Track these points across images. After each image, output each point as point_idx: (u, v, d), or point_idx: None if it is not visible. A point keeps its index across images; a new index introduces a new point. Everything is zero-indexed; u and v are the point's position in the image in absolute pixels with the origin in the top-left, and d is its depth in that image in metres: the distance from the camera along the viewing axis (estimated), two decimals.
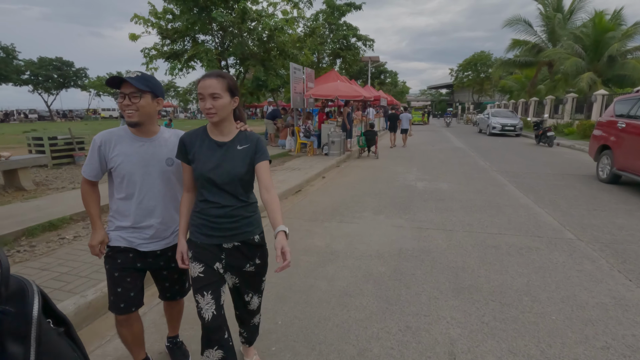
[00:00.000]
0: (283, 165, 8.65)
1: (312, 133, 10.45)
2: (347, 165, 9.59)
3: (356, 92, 9.88)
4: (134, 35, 11.08)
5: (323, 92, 9.83)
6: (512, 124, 18.95)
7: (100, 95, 49.28)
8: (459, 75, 54.22)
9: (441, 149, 12.96)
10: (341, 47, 17.86)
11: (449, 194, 6.16)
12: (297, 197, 6.11)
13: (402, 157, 11.06)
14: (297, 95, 10.52)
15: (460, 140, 16.46)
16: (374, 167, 9.22)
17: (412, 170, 8.66)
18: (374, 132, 10.73)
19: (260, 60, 11.97)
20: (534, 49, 24.21)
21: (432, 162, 9.96)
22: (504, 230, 4.26)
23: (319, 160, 9.45)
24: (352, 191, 6.42)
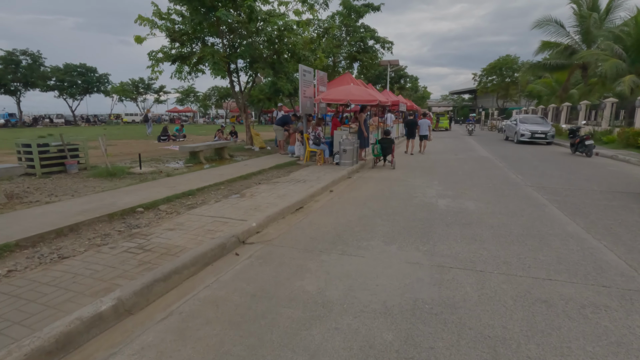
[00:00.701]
0: (288, 177, 7.84)
1: (323, 141, 9.62)
2: (359, 176, 8.69)
3: (371, 96, 9.02)
4: (139, 38, 10.63)
5: (334, 96, 9.01)
6: (543, 131, 17.51)
7: (123, 100, 50.32)
8: (482, 80, 52.29)
9: (465, 159, 11.85)
10: (358, 50, 17.02)
11: (477, 215, 5.16)
12: (296, 216, 5.27)
13: (421, 167, 10.05)
14: (307, 100, 9.74)
15: (485, 149, 15.22)
16: (390, 179, 8.28)
17: (433, 183, 7.66)
18: (391, 140, 9.78)
19: (269, 63, 11.28)
20: (566, 51, 22.63)
21: (455, 174, 8.91)
22: (554, 274, 3.26)
23: (328, 171, 8.60)
24: (362, 210, 5.52)
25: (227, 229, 4.26)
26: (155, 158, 10.75)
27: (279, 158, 10.67)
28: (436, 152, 13.79)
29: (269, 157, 11.02)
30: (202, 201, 5.61)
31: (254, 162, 9.86)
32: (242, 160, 10.48)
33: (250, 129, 13.12)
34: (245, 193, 6.20)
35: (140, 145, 15.34)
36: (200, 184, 6.59)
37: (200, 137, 19.62)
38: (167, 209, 5.12)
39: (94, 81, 41.46)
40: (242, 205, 5.34)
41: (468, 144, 17.61)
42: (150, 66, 11.05)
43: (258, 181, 7.31)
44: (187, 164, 9.45)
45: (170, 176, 7.47)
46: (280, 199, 5.78)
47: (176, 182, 6.77)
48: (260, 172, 8.24)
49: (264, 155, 11.30)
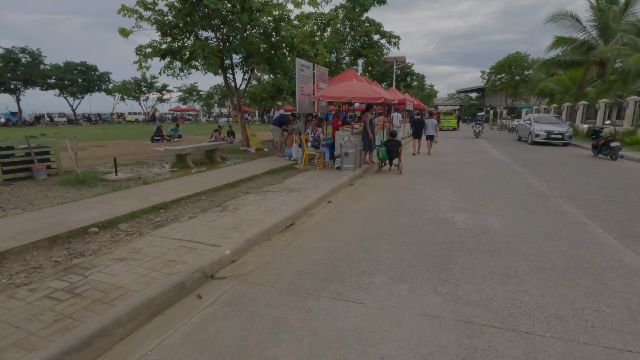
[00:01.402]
0: (281, 184, 6.95)
1: (323, 143, 8.71)
2: (362, 183, 7.77)
3: (376, 93, 8.09)
4: (124, 31, 9.79)
5: (334, 94, 8.09)
6: (560, 131, 16.43)
7: (125, 99, 49.80)
8: (491, 78, 50.96)
9: (478, 162, 10.86)
10: (363, 45, 16.06)
11: (505, 238, 4.22)
12: (284, 236, 4.37)
13: (431, 172, 9.10)
14: (305, 98, 8.83)
15: (498, 150, 14.20)
16: (396, 186, 7.35)
17: (446, 192, 6.72)
18: (397, 142, 8.84)
19: (265, 57, 10.39)
20: (582, 47, 21.40)
21: (470, 180, 7.95)
22: (631, 340, 2.32)
23: (327, 177, 7.69)
24: (364, 228, 4.61)
25: (193, 259, 3.37)
26: (140, 161, 9.91)
27: (275, 161, 9.77)
28: (446, 154, 12.81)
29: (264, 160, 10.14)
30: (174, 217, 4.73)
31: (247, 166, 8.98)
32: (235, 163, 9.60)
33: (246, 129, 12.24)
34: (228, 205, 5.32)
35: (131, 146, 14.55)
36: (178, 194, 5.71)
37: (197, 138, 18.80)
38: (129, 228, 4.24)
39: (95, 79, 40.92)
40: (220, 223, 4.45)
41: (479, 146, 16.58)
42: (137, 61, 10.21)
43: (246, 190, 6.42)
44: (173, 169, 8.60)
45: (148, 184, 6.61)
46: (268, 213, 4.89)
47: (151, 192, 5.91)
48: (251, 179, 7.35)
49: (259, 158, 10.42)
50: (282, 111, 10.94)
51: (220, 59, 11.06)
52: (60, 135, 19.82)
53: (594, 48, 21.01)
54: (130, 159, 10.46)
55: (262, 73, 11.60)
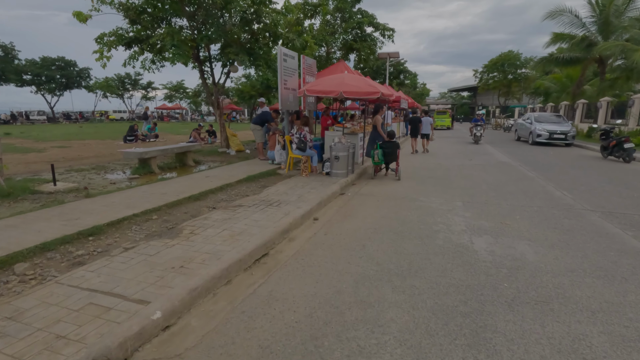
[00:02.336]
0: (259, 195, 5.76)
1: (310, 145, 7.54)
2: (356, 192, 6.63)
3: (371, 87, 6.94)
4: (81, 15, 8.47)
5: (322, 88, 6.91)
6: (563, 131, 15.54)
7: (108, 96, 47.88)
8: (483, 77, 50.36)
9: (483, 165, 9.81)
10: (355, 39, 14.92)
11: (550, 278, 3.12)
12: (251, 276, 3.20)
13: (433, 177, 8.01)
14: (289, 93, 7.65)
15: (501, 152, 13.21)
16: (396, 196, 6.23)
17: (455, 204, 5.63)
18: (395, 143, 7.73)
19: (245, 47, 9.17)
20: (582, 43, 20.62)
21: (479, 188, 6.88)
22: None
23: (315, 185, 6.53)
24: (358, 262, 3.47)
25: (100, 331, 2.19)
26: (100, 166, 8.60)
27: (256, 166, 8.57)
28: (446, 156, 11.75)
29: (244, 164, 8.92)
30: (104, 248, 3.52)
31: (222, 171, 7.76)
32: (210, 168, 8.38)
33: (226, 129, 11.00)
34: (183, 229, 4.12)
35: (99, 147, 13.17)
36: (122, 212, 4.49)
37: (177, 137, 17.45)
38: (28, 270, 3.02)
39: (75, 76, 39.02)
40: (163, 259, 3.26)
41: (479, 146, 15.57)
42: (98, 51, 8.89)
43: (214, 204, 5.22)
44: (133, 176, 7.33)
45: (91, 197, 5.36)
46: (233, 241, 3.71)
47: (88, 210, 4.67)
48: (222, 189, 6.14)
49: (239, 162, 9.20)
50: (266, 108, 9.71)
51: (195, 49, 9.80)
52: (27, 135, 18.28)
53: (594, 45, 20.26)
54: (90, 162, 9.15)
55: (244, 66, 10.37)
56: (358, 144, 9.12)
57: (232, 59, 8.81)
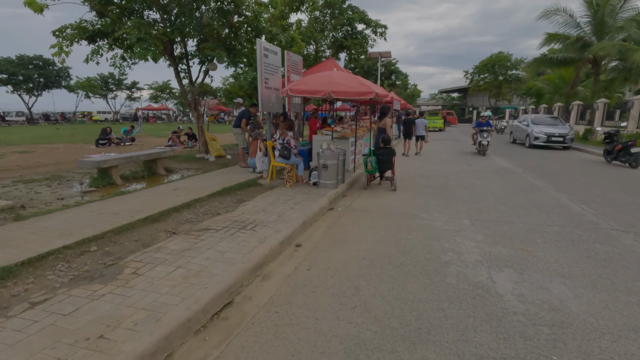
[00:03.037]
0: (233, 213, 4.86)
1: (294, 151, 6.67)
2: (347, 206, 5.78)
3: (363, 86, 6.08)
4: (34, 4, 7.44)
5: (307, 87, 6.02)
6: (561, 133, 14.96)
7: (90, 97, 46.19)
8: (474, 78, 50.14)
9: (484, 172, 9.06)
10: (345, 36, 14.10)
11: (614, 346, 2.31)
12: (203, 346, 2.31)
13: (432, 187, 7.21)
14: (271, 93, 6.76)
15: (499, 156, 12.51)
16: (393, 212, 5.40)
17: (463, 223, 4.82)
18: (390, 150, 6.91)
19: (223, 42, 8.25)
20: (577, 44, 20.17)
21: (485, 200, 6.09)
22: None
23: (300, 199, 5.65)
24: (350, 319, 2.61)
25: None
26: (56, 176, 7.56)
27: (235, 174, 7.66)
28: (442, 161, 10.99)
29: (222, 172, 7.99)
30: (2, 304, 2.58)
31: (195, 182, 6.82)
32: (183, 177, 7.43)
33: (205, 132, 10.04)
34: (126, 265, 3.20)
35: (67, 152, 12.06)
36: (51, 244, 3.55)
37: (158, 141, 16.37)
38: None
39: (54, 75, 37.38)
40: (79, 321, 2.35)
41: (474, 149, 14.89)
42: (55, 45, 7.86)
43: (175, 227, 4.30)
44: (89, 188, 6.34)
45: (22, 219, 4.38)
46: (186, 286, 2.81)
47: (3, 241, 3.70)
48: (190, 205, 5.22)
49: (217, 169, 8.26)
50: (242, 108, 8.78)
51: (169, 45, 8.84)
52: None
53: (589, 45, 19.85)
54: (47, 171, 8.10)
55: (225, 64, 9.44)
56: (349, 149, 8.29)
57: (209, 55, 7.89)
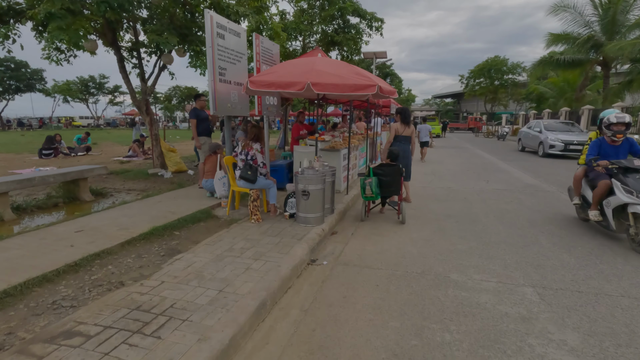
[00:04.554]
0: (144, 284, 2.89)
1: (262, 171, 4.72)
2: (337, 256, 3.84)
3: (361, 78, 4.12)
4: None
5: (276, 78, 4.01)
6: (580, 141, 13.27)
7: (69, 101, 43.79)
8: (469, 83, 48.86)
9: (510, 191, 7.20)
10: (336, 30, 12.27)
11: None
12: None
13: (452, 215, 5.31)
14: (230, 89, 4.81)
15: (513, 166, 10.71)
16: (407, 270, 3.47)
17: (525, 295, 2.92)
18: (397, 169, 5.00)
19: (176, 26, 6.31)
20: (587, 44, 18.66)
21: (537, 242, 4.20)
22: None
23: (265, 247, 3.70)
24: None
25: None
26: None
27: (186, 200, 5.67)
28: (453, 175, 9.12)
29: (170, 197, 5.99)
30: None
31: (120, 215, 4.80)
32: (112, 206, 5.41)
33: (161, 142, 8.03)
34: None
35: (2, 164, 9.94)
36: None
37: (119, 150, 14.26)
38: None
39: (27, 78, 34.98)
40: None
41: (484, 159, 13.11)
42: None
43: (17, 324, 2.30)
44: None
45: None
46: None
47: None
48: (82, 265, 3.23)
49: (166, 192, 6.25)
50: None
51: (110, 31, 6.87)
52: None
53: (600, 45, 18.37)
54: None
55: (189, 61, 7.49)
56: (340, 164, 6.36)
57: (155, 41, 5.96)
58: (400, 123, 5.79)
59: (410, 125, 5.90)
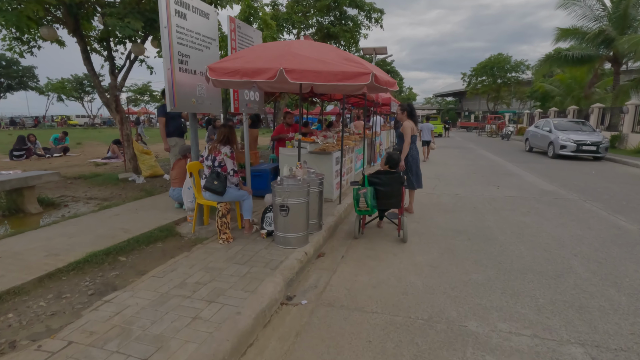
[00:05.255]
0: (57, 336, 2.05)
1: (234, 180, 3.88)
2: (321, 292, 3.01)
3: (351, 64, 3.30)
4: None
5: (242, 64, 3.17)
6: (594, 141, 12.41)
7: (63, 99, 42.94)
8: (472, 81, 47.93)
9: (526, 199, 6.36)
10: (332, 22, 11.41)
11: None
12: None
13: (463, 232, 4.47)
14: (195, 81, 3.97)
15: (524, 169, 9.86)
16: (410, 315, 2.64)
17: (564, 350, 2.06)
18: (397, 177, 4.16)
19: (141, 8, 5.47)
20: (597, 38, 17.75)
21: (570, 270, 3.36)
22: None
23: (229, 279, 2.87)
24: None
25: None
26: None
27: (150, 213, 4.84)
28: (460, 180, 8.27)
29: (132, 208, 5.16)
30: None
31: (61, 232, 3.97)
32: (63, 218, 4.58)
33: (134, 143, 7.20)
34: None
35: None
36: None
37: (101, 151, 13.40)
38: None
39: (18, 75, 34.16)
40: None
41: (491, 161, 12.26)
42: None
43: None
44: None
45: None
46: None
47: None
48: None
49: (130, 202, 5.42)
50: None
51: (71, 16, 6.03)
52: None
53: (611, 39, 17.47)
54: None
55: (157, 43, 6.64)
56: (332, 169, 5.53)
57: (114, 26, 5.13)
58: (410, 121, 5.02)
59: (417, 124, 5.14)
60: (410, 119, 5.04)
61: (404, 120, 5.07)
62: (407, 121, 5.02)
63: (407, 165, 5.05)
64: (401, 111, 5.12)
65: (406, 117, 5.07)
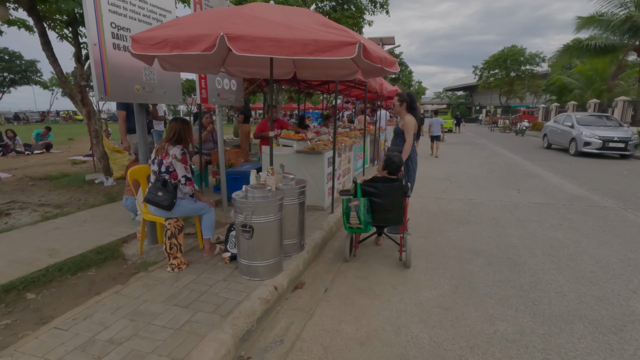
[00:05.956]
0: None
1: (186, 190, 3.02)
2: (286, 352, 2.14)
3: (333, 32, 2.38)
4: None
5: (175, 32, 2.29)
6: (621, 138, 11.29)
7: None
8: (483, 75, 46.28)
9: (554, 206, 5.38)
10: (333, 7, 10.41)
11: None
12: None
13: (482, 254, 3.54)
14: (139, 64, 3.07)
15: (546, 169, 8.82)
16: None
17: None
18: (397, 185, 3.24)
19: None
20: (623, 26, 16.40)
21: (617, 301, 2.42)
22: None
23: (162, 328, 2.01)
24: None
25: None
26: None
27: (102, 224, 4.03)
28: (474, 182, 7.30)
29: (81, 218, 4.35)
30: None
31: None
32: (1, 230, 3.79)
33: (104, 140, 6.41)
34: None
35: None
36: None
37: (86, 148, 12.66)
38: None
39: (21, 70, 33.80)
40: None
41: (506, 159, 11.21)
42: None
43: None
44: None
45: None
46: None
47: None
48: None
49: (86, 210, 4.62)
50: None
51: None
52: None
53: (638, 27, 16.11)
54: None
55: None
56: (324, 172, 4.65)
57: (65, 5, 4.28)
58: (411, 116, 4.03)
59: (418, 118, 4.17)
60: (410, 112, 4.05)
61: (403, 114, 4.09)
62: (407, 115, 4.03)
63: (407, 171, 4.11)
64: (399, 103, 4.09)
65: (406, 111, 4.08)
